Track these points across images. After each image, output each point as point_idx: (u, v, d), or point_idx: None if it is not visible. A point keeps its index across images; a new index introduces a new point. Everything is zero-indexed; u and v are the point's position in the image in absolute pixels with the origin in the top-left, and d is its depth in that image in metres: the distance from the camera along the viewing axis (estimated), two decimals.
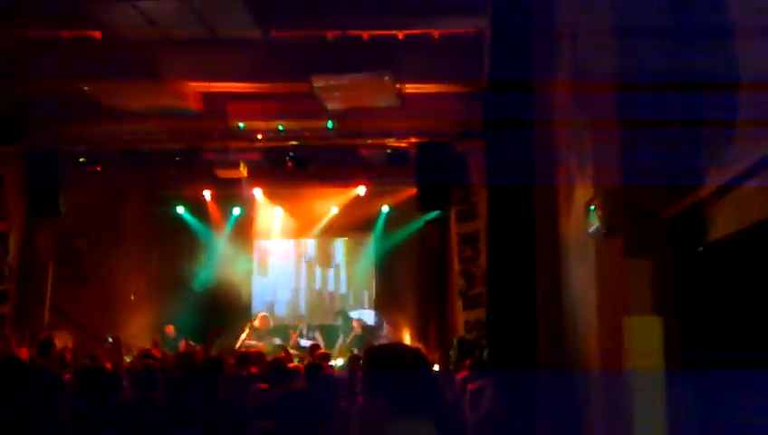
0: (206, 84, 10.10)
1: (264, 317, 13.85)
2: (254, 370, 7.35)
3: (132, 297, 12.14)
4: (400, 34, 8.45)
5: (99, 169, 11.90)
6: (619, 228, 3.81)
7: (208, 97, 10.44)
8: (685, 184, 3.47)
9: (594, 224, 4.06)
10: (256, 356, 8.05)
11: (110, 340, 11.71)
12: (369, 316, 14.95)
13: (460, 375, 7.11)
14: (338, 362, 11.30)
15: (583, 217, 4.31)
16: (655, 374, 3.60)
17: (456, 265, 11.61)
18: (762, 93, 3.08)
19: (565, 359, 5.19)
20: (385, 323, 13.88)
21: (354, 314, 14.47)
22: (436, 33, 8.36)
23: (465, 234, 11.43)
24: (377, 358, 2.75)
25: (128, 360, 8.88)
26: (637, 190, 3.75)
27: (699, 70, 3.69)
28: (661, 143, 3.69)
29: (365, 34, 8.54)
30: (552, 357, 5.31)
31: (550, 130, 5.96)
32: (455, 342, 9.55)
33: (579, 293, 4.86)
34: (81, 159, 11.79)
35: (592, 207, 4.12)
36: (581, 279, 4.76)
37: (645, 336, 3.62)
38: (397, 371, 2.61)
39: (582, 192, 4.55)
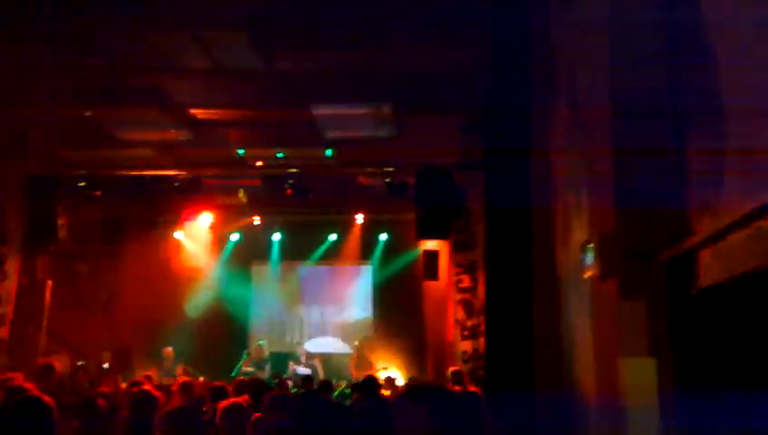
0: (207, 112, 10.17)
1: (258, 347, 13.86)
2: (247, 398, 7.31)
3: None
4: (400, 66, 8.53)
5: (98, 193, 11.95)
6: (615, 272, 3.85)
7: (209, 124, 10.51)
8: (678, 229, 3.51)
9: (590, 265, 4.10)
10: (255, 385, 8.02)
11: (107, 366, 11.75)
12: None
13: None
14: None
15: (579, 257, 4.36)
16: (649, 412, 3.62)
17: (454, 295, 11.62)
18: (749, 123, 3.14)
19: (563, 393, 5.20)
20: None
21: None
22: (435, 65, 8.44)
23: (464, 263, 11.47)
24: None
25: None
26: (632, 233, 3.80)
27: (692, 99, 3.75)
28: (656, 182, 3.75)
29: (365, 66, 8.62)
30: (550, 391, 5.33)
31: (547, 159, 6.03)
32: (449, 374, 9.57)
33: (575, 329, 4.90)
34: (80, 184, 11.84)
35: (589, 247, 4.16)
36: (577, 316, 4.79)
37: (640, 377, 3.65)
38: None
39: (579, 231, 4.60)
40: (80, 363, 11.22)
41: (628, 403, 3.72)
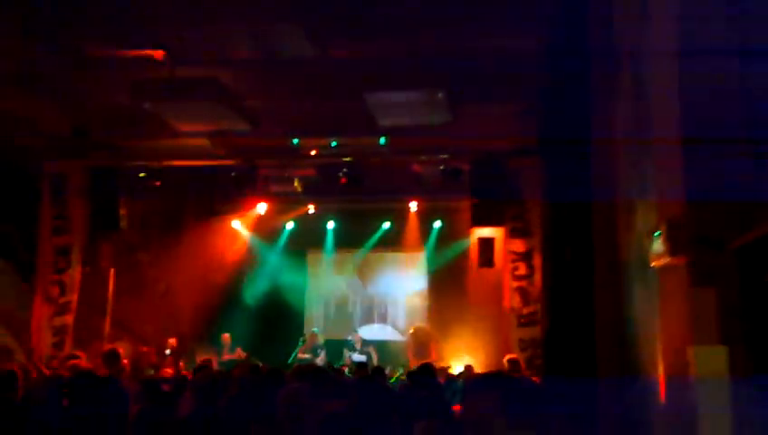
0: (262, 102, 10.27)
1: (312, 334, 14.03)
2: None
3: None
4: (455, 53, 8.46)
5: (158, 184, 12.19)
6: (685, 260, 3.78)
7: (264, 114, 10.60)
8: (749, 216, 3.43)
9: (658, 253, 4.03)
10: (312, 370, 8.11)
11: (169, 352, 12.02)
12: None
13: None
14: None
15: (645, 244, 4.29)
16: (721, 401, 3.56)
17: (510, 283, 11.54)
18: None
19: (625, 381, 5.14)
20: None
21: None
22: (491, 51, 8.35)
23: (520, 251, 11.38)
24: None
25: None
26: (702, 221, 3.72)
27: (763, 85, 3.65)
28: (725, 169, 3.66)
29: (420, 53, 8.58)
30: (613, 380, 5.26)
31: (609, 147, 5.92)
32: (506, 361, 9.53)
33: (640, 317, 4.82)
34: (141, 175, 12.10)
35: (656, 234, 4.09)
36: (642, 303, 4.72)
37: (711, 365, 3.58)
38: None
39: (643, 216, 4.52)
40: (143, 350, 11.52)
41: (698, 392, 3.66)
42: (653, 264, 4.13)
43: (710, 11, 4.03)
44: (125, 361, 9.12)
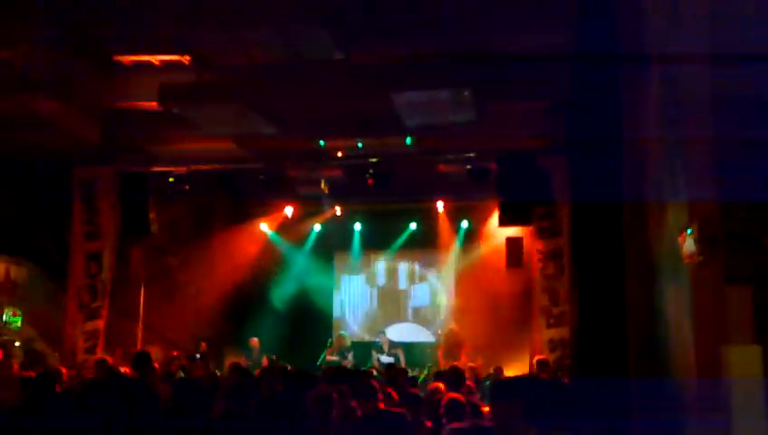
0: (289, 104, 10.30)
1: (340, 337, 14.04)
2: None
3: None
4: (481, 52, 8.41)
5: (187, 187, 12.29)
6: (718, 257, 3.71)
7: (290, 116, 10.64)
8: None
9: (690, 250, 3.96)
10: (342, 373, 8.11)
11: (199, 356, 12.11)
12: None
13: None
14: None
15: (677, 242, 4.21)
16: (755, 401, 3.49)
17: (539, 282, 11.46)
18: None
19: (658, 381, 5.06)
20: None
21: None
22: (518, 50, 8.29)
23: (548, 250, 11.29)
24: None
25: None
26: (735, 217, 3.65)
27: None
28: (759, 165, 3.59)
29: (445, 53, 8.55)
30: (645, 382, 5.19)
31: (638, 146, 5.84)
32: (535, 362, 9.45)
33: (672, 316, 4.75)
34: (170, 179, 12.20)
35: (688, 232, 4.02)
36: (674, 303, 4.64)
37: (745, 364, 3.51)
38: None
39: (674, 214, 4.45)
40: (174, 353, 11.61)
41: (732, 392, 3.59)
42: (685, 262, 4.06)
43: (739, 13, 3.96)
44: (156, 364, 9.20)
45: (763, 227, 3.56)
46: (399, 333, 15.26)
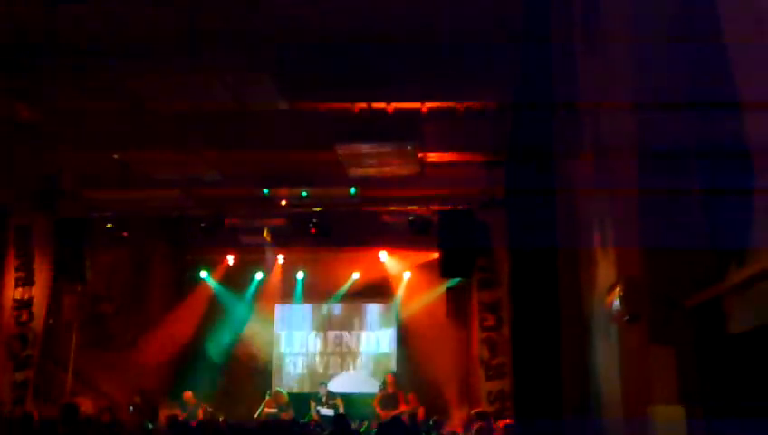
0: (232, 153, 10.26)
1: (277, 393, 13.80)
2: None
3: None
4: (424, 107, 8.58)
5: (125, 234, 12.07)
6: (643, 316, 3.79)
7: (233, 164, 10.59)
8: (706, 274, 3.46)
9: (617, 309, 4.04)
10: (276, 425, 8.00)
11: (132, 408, 11.75)
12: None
13: None
14: None
15: (605, 299, 4.30)
16: None
17: (478, 334, 11.52)
18: None
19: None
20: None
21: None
22: (459, 105, 8.47)
23: (488, 302, 11.38)
24: None
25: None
26: (660, 278, 3.74)
27: (715, 141, 3.73)
28: (683, 224, 3.70)
29: (389, 106, 8.68)
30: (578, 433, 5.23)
31: (572, 198, 5.99)
32: (473, 414, 9.45)
33: (603, 371, 4.81)
34: (108, 225, 11.98)
35: (615, 291, 4.10)
36: (605, 357, 4.71)
37: (670, 425, 3.56)
38: None
39: (605, 271, 4.54)
40: (103, 406, 11.24)
41: None
42: (613, 319, 4.13)
43: (667, 60, 4.12)
44: (84, 415, 8.90)
45: (685, 287, 3.65)
46: (343, 383, 15.06)
